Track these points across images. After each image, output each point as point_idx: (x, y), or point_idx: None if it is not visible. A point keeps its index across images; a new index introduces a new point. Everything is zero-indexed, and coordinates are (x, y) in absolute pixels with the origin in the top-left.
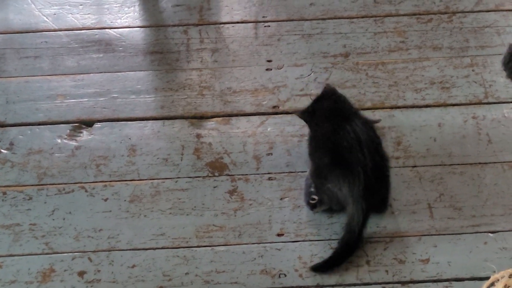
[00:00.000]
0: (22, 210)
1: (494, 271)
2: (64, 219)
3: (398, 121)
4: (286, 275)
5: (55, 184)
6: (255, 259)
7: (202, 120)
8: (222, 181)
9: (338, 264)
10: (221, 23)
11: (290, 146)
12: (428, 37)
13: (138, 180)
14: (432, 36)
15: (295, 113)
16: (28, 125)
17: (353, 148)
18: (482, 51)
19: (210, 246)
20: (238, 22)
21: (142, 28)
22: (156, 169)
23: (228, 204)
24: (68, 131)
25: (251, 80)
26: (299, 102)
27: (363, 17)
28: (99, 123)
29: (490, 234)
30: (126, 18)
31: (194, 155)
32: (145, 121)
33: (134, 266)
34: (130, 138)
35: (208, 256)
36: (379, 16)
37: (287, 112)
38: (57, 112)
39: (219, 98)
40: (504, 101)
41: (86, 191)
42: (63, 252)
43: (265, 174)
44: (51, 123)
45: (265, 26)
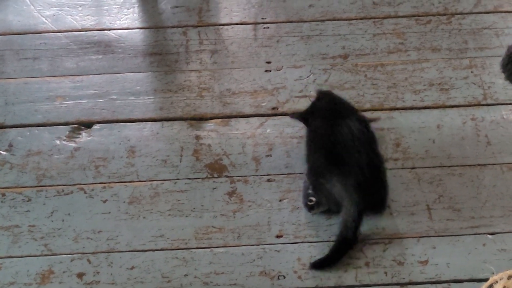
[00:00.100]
0: (21, 211)
1: (493, 273)
2: (63, 220)
3: (397, 122)
4: (285, 277)
5: (54, 185)
6: (254, 260)
7: (201, 121)
8: (221, 182)
9: (337, 260)
10: (220, 25)
11: (289, 147)
12: (427, 38)
13: (137, 181)
14: (431, 37)
15: (291, 115)
16: (27, 126)
17: (348, 146)
18: (481, 53)
19: (209, 248)
20: (237, 24)
21: (141, 30)
22: (155, 170)
23: (227, 205)
24: (67, 132)
25: (250, 81)
26: (298, 104)
27: (362, 18)
28: (98, 125)
29: (489, 235)
30: (125, 20)
31: (193, 156)
32: (144, 122)
33: (133, 268)
34: (129, 140)
35: (207, 257)
36: (378, 18)
37: (286, 114)
38: (56, 114)
39: (218, 99)
40: (503, 102)
41: (85, 192)
42: (62, 254)
43: (264, 175)
44: (50, 125)
45: (264, 28)
